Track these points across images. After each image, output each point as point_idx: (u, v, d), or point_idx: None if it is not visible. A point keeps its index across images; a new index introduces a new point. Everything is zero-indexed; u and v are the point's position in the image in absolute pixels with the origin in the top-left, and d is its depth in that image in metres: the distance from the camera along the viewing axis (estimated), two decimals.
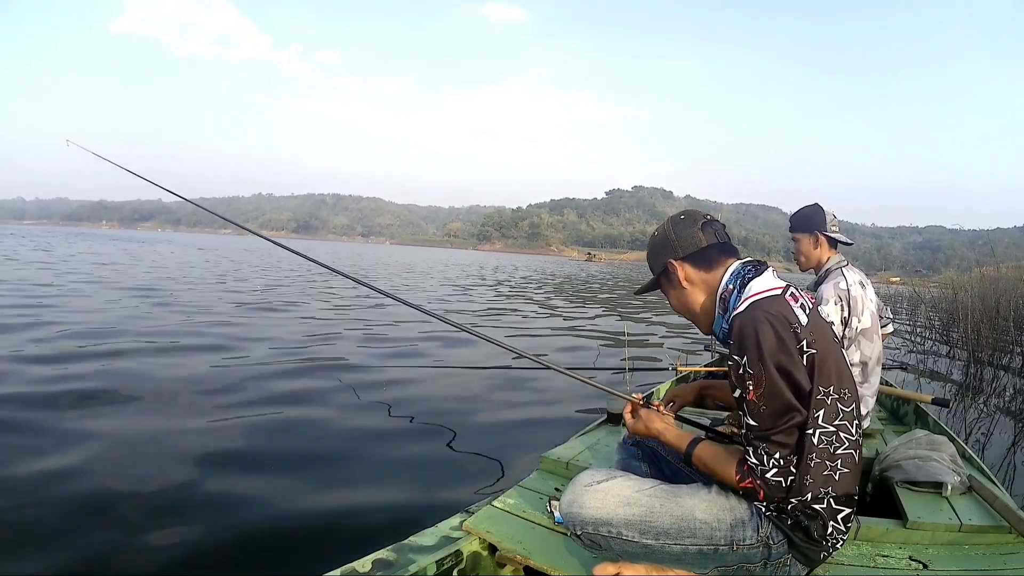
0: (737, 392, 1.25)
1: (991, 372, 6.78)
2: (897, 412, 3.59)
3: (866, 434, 2.66)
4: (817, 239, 2.58)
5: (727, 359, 4.56)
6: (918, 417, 3.33)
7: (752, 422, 1.22)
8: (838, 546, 1.28)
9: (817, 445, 1.20)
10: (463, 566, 1.72)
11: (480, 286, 18.07)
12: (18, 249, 23.54)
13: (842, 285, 2.45)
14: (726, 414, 2.51)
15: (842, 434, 1.22)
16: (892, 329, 3.33)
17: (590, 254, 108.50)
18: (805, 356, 1.20)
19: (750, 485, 1.23)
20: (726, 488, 1.32)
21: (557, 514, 1.88)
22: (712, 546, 1.29)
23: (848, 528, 1.27)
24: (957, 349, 8.26)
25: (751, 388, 1.20)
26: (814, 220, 2.58)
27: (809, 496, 1.21)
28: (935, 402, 3.13)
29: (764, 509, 1.27)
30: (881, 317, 2.72)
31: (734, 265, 1.39)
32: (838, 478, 1.22)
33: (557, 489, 2.14)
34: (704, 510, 1.30)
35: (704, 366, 4.44)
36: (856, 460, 1.25)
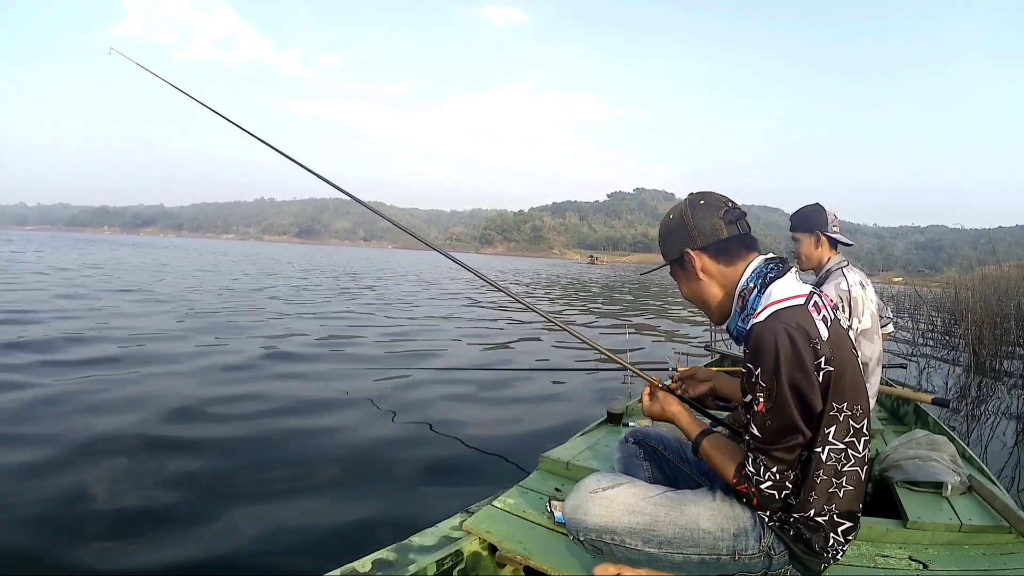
0: (747, 397, 1.23)
1: (992, 372, 6.75)
2: (897, 412, 3.59)
3: None
4: (818, 239, 2.57)
5: (731, 359, 4.52)
6: (918, 417, 3.33)
7: (756, 432, 1.20)
8: (838, 557, 1.27)
9: (825, 462, 1.19)
10: (463, 566, 1.73)
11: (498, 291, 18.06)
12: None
13: (843, 286, 2.45)
14: (727, 414, 2.51)
15: (850, 451, 1.20)
16: (892, 329, 3.33)
17: (592, 256, 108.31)
18: (821, 373, 1.16)
19: (745, 490, 1.23)
20: (730, 496, 1.31)
21: (557, 514, 1.88)
22: (714, 555, 1.29)
23: (849, 540, 1.26)
24: (959, 349, 8.24)
25: (760, 399, 1.18)
26: (815, 220, 2.57)
27: (812, 512, 1.20)
28: (935, 402, 3.12)
29: (767, 519, 1.27)
30: (881, 317, 2.72)
31: (756, 261, 1.33)
32: (842, 495, 1.21)
33: (557, 489, 2.15)
34: (708, 519, 1.29)
35: (704, 366, 4.43)
36: (861, 478, 1.24)
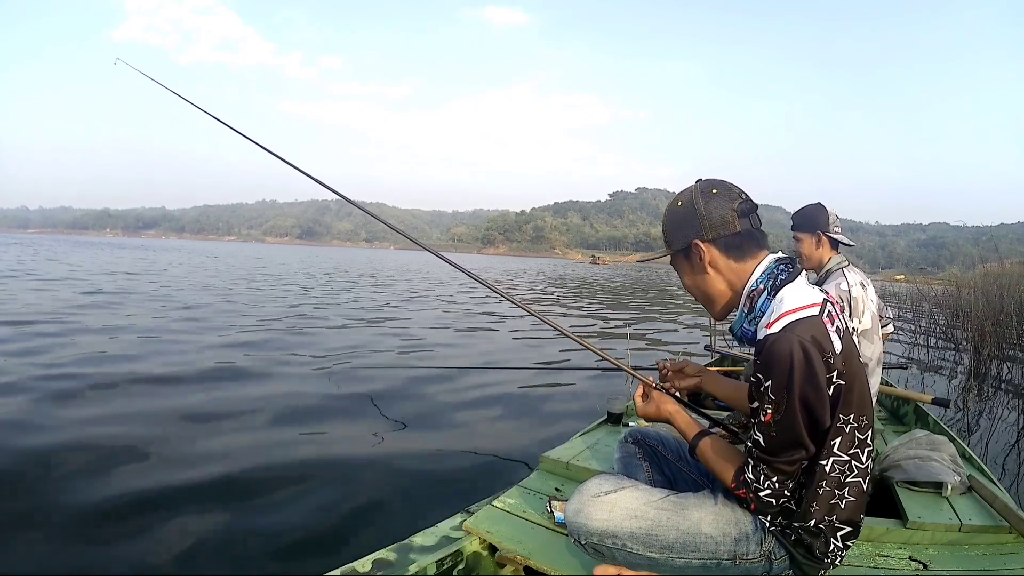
0: (754, 404, 1.20)
1: (994, 371, 6.74)
2: (897, 412, 3.59)
3: None
4: (819, 239, 2.56)
5: (731, 359, 4.50)
6: (918, 417, 3.33)
7: (760, 441, 1.18)
8: (837, 562, 1.26)
9: (828, 473, 1.18)
10: (463, 566, 1.73)
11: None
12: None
13: (843, 286, 2.44)
14: (726, 414, 2.51)
15: (854, 462, 1.19)
16: (892, 329, 3.32)
17: (594, 256, 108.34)
18: (832, 387, 1.14)
19: (743, 496, 1.23)
20: (731, 499, 1.30)
21: (558, 514, 1.88)
22: (715, 560, 1.28)
23: (849, 546, 1.25)
24: (960, 348, 8.23)
25: (768, 411, 1.15)
26: (817, 220, 2.57)
27: (813, 521, 1.20)
28: (935, 402, 3.12)
29: (768, 524, 1.26)
30: (881, 317, 2.72)
31: (766, 260, 1.28)
32: (844, 506, 1.20)
33: (557, 489, 2.15)
34: (710, 524, 1.28)
35: (705, 366, 4.44)
36: (863, 489, 1.23)
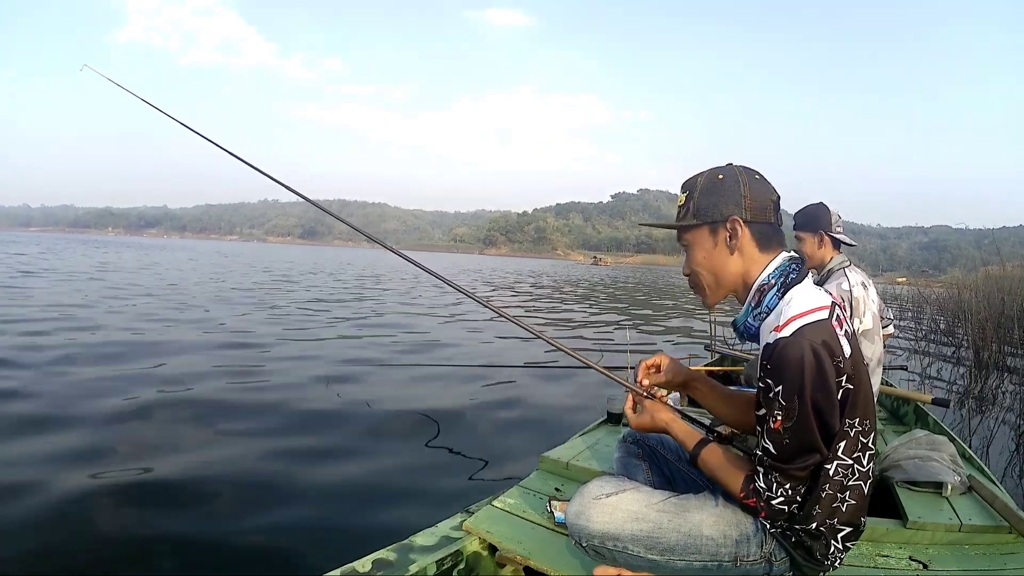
0: (761, 412, 1.19)
1: (995, 372, 6.74)
2: (897, 412, 3.59)
3: None
4: (822, 239, 2.56)
5: (731, 359, 4.49)
6: (918, 417, 3.32)
7: (771, 449, 1.17)
8: (836, 564, 1.26)
9: (832, 477, 1.17)
10: (463, 566, 1.73)
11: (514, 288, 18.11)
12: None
13: (844, 286, 2.44)
14: None
15: (856, 466, 1.19)
16: (893, 329, 3.32)
17: (596, 257, 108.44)
18: (841, 391, 1.14)
19: (753, 504, 1.21)
20: (732, 500, 1.29)
21: (557, 514, 1.88)
22: (716, 562, 1.28)
23: (849, 548, 1.25)
24: (961, 349, 8.23)
25: (779, 418, 1.14)
26: (820, 220, 2.56)
27: (814, 525, 1.20)
28: (935, 402, 3.11)
29: (769, 526, 1.25)
30: (882, 318, 2.72)
31: (781, 257, 1.27)
32: (845, 508, 1.20)
33: (557, 489, 2.15)
34: (711, 526, 1.28)
35: (705, 366, 4.44)
36: (865, 492, 1.22)
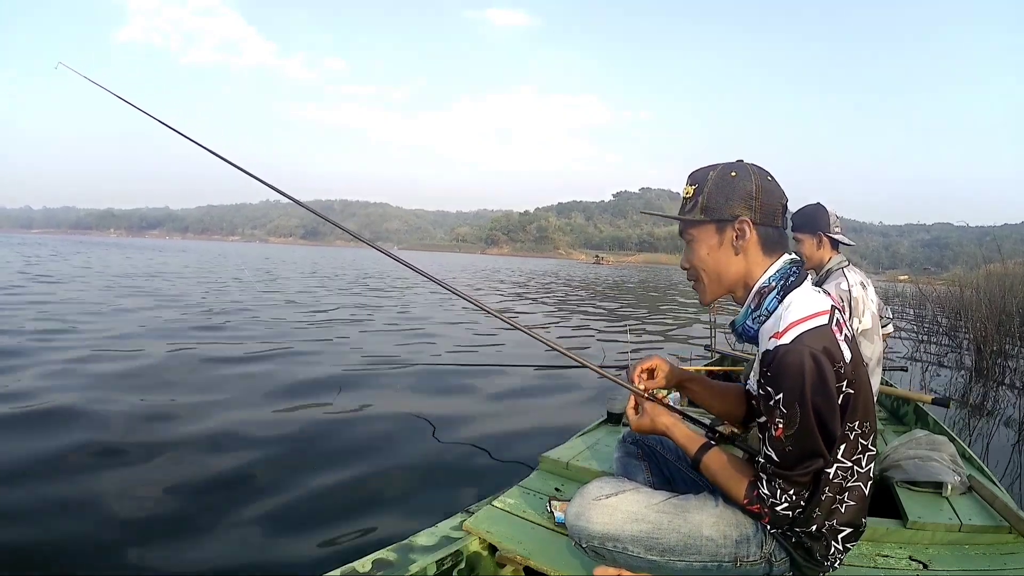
0: (762, 419, 1.19)
1: (996, 371, 6.72)
2: (897, 412, 3.58)
3: None
4: (820, 240, 2.56)
5: (731, 359, 4.47)
6: (918, 417, 3.32)
7: (774, 456, 1.16)
8: (836, 565, 1.26)
9: (832, 480, 1.18)
10: (463, 566, 1.73)
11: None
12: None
13: (843, 286, 2.44)
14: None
15: (856, 468, 1.19)
16: (892, 329, 3.32)
17: (598, 256, 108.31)
18: (842, 396, 1.14)
19: (757, 511, 1.21)
20: (732, 501, 1.29)
21: (558, 514, 1.88)
22: (716, 562, 1.28)
23: (849, 549, 1.25)
24: (962, 348, 8.21)
25: (780, 425, 1.13)
26: (818, 221, 2.56)
27: (814, 527, 1.20)
28: (935, 402, 3.10)
29: (769, 527, 1.26)
30: (881, 317, 2.72)
31: (782, 260, 1.26)
32: (844, 510, 1.20)
33: (557, 489, 2.16)
34: (711, 526, 1.28)
35: (705, 366, 4.44)
36: (865, 494, 1.22)
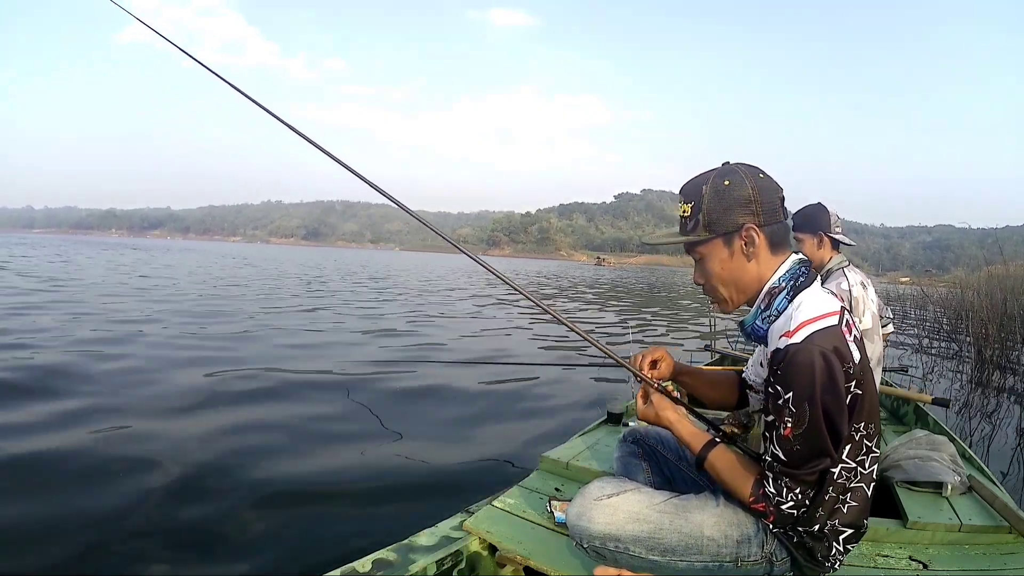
0: (770, 418, 1.18)
1: (997, 372, 6.72)
2: (897, 412, 3.58)
3: None
4: (821, 240, 2.55)
5: (731, 359, 4.47)
6: (918, 417, 3.32)
7: (781, 455, 1.15)
8: (836, 566, 1.26)
9: (835, 480, 1.18)
10: (463, 566, 1.73)
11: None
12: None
13: (844, 286, 2.44)
14: (726, 414, 2.51)
15: (859, 469, 1.19)
16: (892, 329, 3.32)
17: (599, 258, 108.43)
18: (850, 396, 1.13)
19: (763, 509, 1.21)
20: (733, 501, 1.29)
21: (558, 514, 1.88)
22: (717, 562, 1.28)
23: (849, 550, 1.25)
24: (963, 349, 8.21)
25: (789, 424, 1.12)
26: (819, 221, 2.56)
27: (816, 527, 1.20)
28: (935, 402, 3.10)
29: (771, 527, 1.25)
30: (881, 317, 2.72)
31: (791, 260, 1.24)
32: (846, 511, 1.20)
33: (557, 489, 2.16)
34: (712, 526, 1.28)
35: (705, 365, 4.44)
36: (867, 495, 1.22)
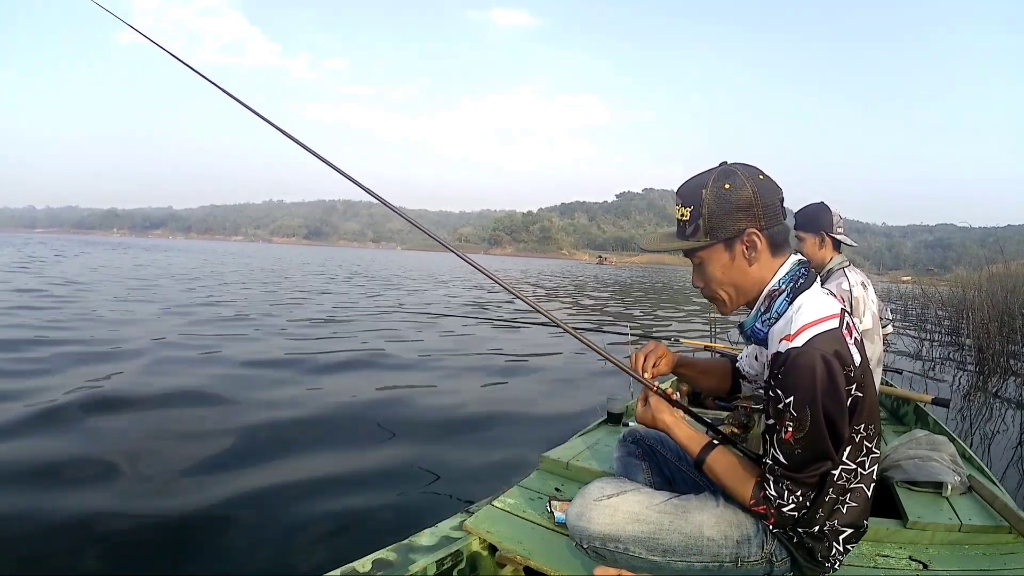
0: (771, 421, 1.18)
1: (997, 371, 6.71)
2: (897, 412, 3.57)
3: None
4: (823, 240, 2.55)
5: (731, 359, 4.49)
6: (918, 417, 3.32)
7: (781, 459, 1.15)
8: (836, 566, 1.26)
9: (836, 481, 1.18)
10: (463, 566, 1.74)
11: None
12: None
13: (844, 286, 2.44)
14: (726, 414, 2.52)
15: (859, 470, 1.19)
16: (891, 329, 3.31)
17: (601, 257, 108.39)
18: (850, 399, 1.13)
19: (763, 511, 1.21)
20: (733, 501, 1.29)
21: (558, 514, 1.89)
22: (717, 563, 1.27)
23: (849, 550, 1.25)
24: (964, 349, 8.20)
25: (790, 428, 1.12)
26: (821, 220, 2.55)
27: (816, 528, 1.20)
28: (935, 402, 3.09)
29: (771, 527, 1.26)
30: (881, 318, 2.71)
31: (791, 261, 1.24)
32: (845, 511, 1.20)
33: (557, 489, 2.16)
34: (712, 526, 1.27)
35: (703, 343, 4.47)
36: (867, 495, 1.22)
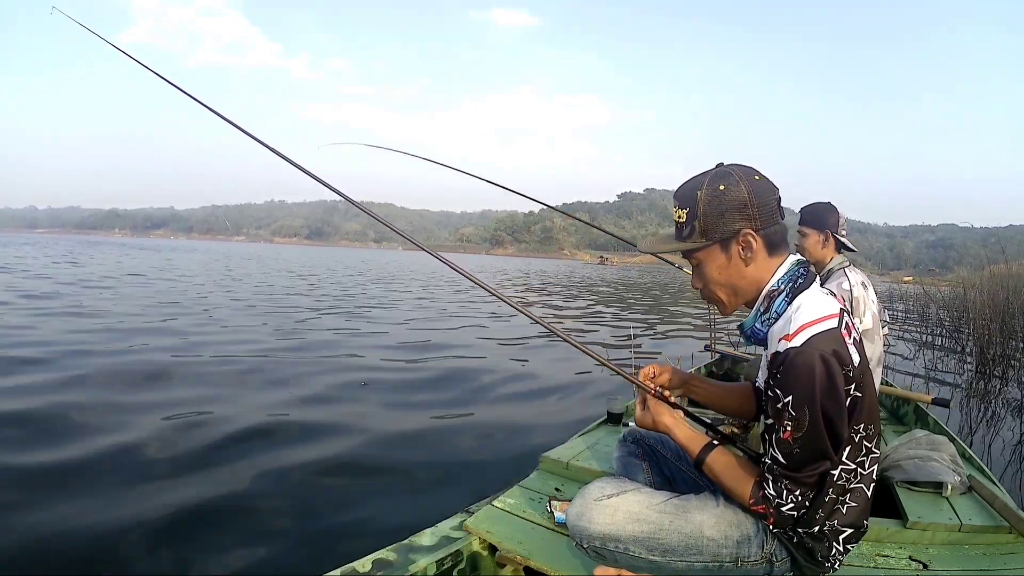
0: (769, 421, 1.18)
1: (998, 371, 6.70)
2: (897, 412, 3.57)
3: None
4: (827, 238, 2.55)
5: (731, 359, 4.46)
6: (918, 417, 3.32)
7: (780, 458, 1.16)
8: (836, 566, 1.26)
9: (835, 481, 1.18)
10: (463, 566, 1.74)
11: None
12: None
13: (844, 286, 2.44)
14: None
15: (859, 470, 1.19)
16: (888, 330, 3.31)
17: (602, 257, 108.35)
18: (850, 399, 1.13)
19: (762, 511, 1.21)
20: (733, 501, 1.29)
21: (558, 514, 1.89)
22: (717, 563, 1.28)
23: (849, 550, 1.25)
24: (964, 349, 8.19)
25: (788, 428, 1.12)
26: (827, 219, 2.55)
27: (816, 528, 1.20)
28: (935, 402, 3.10)
29: (771, 527, 1.26)
30: (881, 320, 2.71)
31: (789, 261, 1.24)
32: (845, 511, 1.21)
33: (557, 489, 2.16)
34: (712, 526, 1.28)
35: (704, 366, 4.45)
36: (867, 495, 1.22)
